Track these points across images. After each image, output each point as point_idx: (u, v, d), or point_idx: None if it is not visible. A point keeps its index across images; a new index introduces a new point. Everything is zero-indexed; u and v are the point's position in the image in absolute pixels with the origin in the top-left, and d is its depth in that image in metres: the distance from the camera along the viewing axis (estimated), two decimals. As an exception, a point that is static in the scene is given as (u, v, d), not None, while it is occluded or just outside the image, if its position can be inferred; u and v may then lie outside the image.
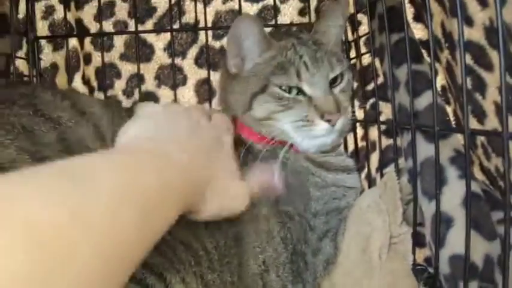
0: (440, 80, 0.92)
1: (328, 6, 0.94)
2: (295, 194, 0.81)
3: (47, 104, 0.70)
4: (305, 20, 1.16)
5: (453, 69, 0.84)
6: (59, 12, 1.15)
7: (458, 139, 0.78)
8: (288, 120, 0.81)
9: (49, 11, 1.15)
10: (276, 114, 0.81)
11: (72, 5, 1.17)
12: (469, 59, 0.78)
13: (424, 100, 0.80)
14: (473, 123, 0.81)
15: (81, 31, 1.18)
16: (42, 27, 1.15)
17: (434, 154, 0.70)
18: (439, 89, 0.93)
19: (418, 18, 0.96)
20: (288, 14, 1.17)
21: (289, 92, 0.81)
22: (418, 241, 0.80)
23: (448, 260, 0.73)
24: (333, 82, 0.83)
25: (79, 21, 1.17)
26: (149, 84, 1.19)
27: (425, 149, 0.78)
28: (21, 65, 1.12)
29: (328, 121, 0.79)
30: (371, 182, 1.02)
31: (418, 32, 0.96)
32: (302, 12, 1.17)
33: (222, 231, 0.74)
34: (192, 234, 0.70)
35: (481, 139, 0.83)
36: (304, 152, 0.85)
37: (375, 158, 1.05)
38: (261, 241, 0.76)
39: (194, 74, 1.19)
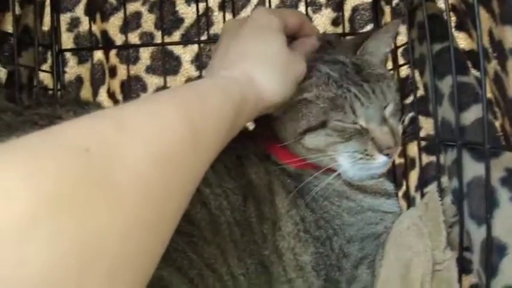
0: (487, 93, 0.86)
1: (382, 27, 0.89)
2: (326, 219, 0.78)
3: None
4: (339, 30, 1.12)
5: (502, 81, 0.77)
6: (84, 24, 1.12)
7: (510, 158, 0.72)
8: (344, 152, 0.78)
9: (74, 23, 1.12)
10: (333, 146, 0.78)
11: (98, 16, 1.14)
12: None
13: (471, 115, 0.74)
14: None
15: (107, 43, 1.15)
16: (67, 40, 1.13)
17: (483, 174, 0.64)
18: (485, 102, 0.87)
19: (460, 26, 0.90)
20: (321, 24, 1.13)
21: None
22: (463, 267, 0.73)
23: (501, 291, 0.67)
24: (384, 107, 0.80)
25: (104, 33, 1.15)
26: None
27: (472, 168, 0.72)
28: (46, 78, 1.10)
29: (387, 155, 0.77)
30: (410, 202, 0.96)
31: (461, 41, 0.91)
32: (335, 23, 1.12)
33: (253, 257, 0.70)
34: (221, 256, 0.66)
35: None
36: (347, 178, 0.81)
37: (414, 176, 0.99)
38: (288, 272, 0.73)
39: (222, 87, 1.15)
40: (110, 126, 0.39)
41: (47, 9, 1.11)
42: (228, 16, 1.13)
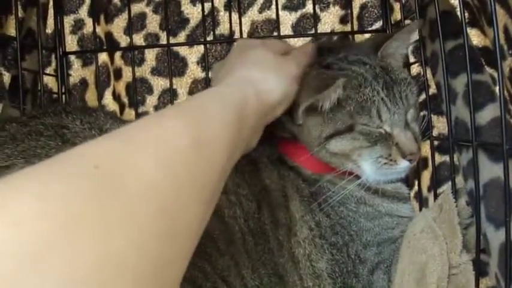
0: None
1: (403, 27, 0.88)
2: (343, 224, 0.77)
3: (75, 134, 0.65)
4: (347, 28, 1.09)
5: (518, 78, 0.75)
6: (88, 26, 1.11)
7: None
8: (369, 157, 0.77)
9: (78, 25, 1.11)
10: (358, 151, 0.77)
11: (102, 18, 1.12)
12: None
13: (486, 114, 0.72)
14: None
15: (111, 45, 1.14)
16: (71, 42, 1.11)
17: (500, 175, 0.62)
18: (500, 100, 0.85)
19: (473, 23, 0.88)
20: (329, 22, 1.10)
21: None
22: (480, 270, 0.72)
23: (521, 296, 0.65)
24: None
25: (109, 35, 1.13)
26: (182, 99, 1.13)
27: (489, 169, 0.70)
28: (50, 81, 1.09)
29: (410, 160, 0.77)
30: (422, 202, 0.94)
31: (474, 38, 0.88)
32: (344, 20, 1.10)
33: (267, 267, 0.68)
34: (235, 268, 0.65)
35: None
36: (367, 183, 0.80)
37: (426, 176, 0.97)
38: (304, 280, 0.72)
39: (229, 88, 1.13)
40: (117, 141, 0.40)
41: (51, 12, 1.09)
42: (234, 16, 1.11)
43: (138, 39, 1.13)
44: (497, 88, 0.70)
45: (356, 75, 0.77)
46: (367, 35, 1.09)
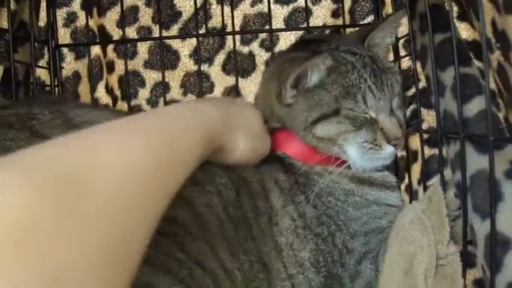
0: (490, 84, 0.84)
1: (388, 17, 0.92)
2: (329, 214, 0.78)
3: (43, 124, 0.65)
4: (339, 22, 1.10)
5: (506, 71, 0.76)
6: (81, 19, 1.11)
7: (514, 150, 0.71)
8: (354, 141, 0.80)
9: (71, 18, 1.11)
10: (344, 135, 0.80)
11: (95, 11, 1.12)
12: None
13: (473, 106, 0.73)
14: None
15: (104, 38, 1.14)
16: (63, 35, 1.11)
17: (487, 167, 0.63)
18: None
19: (462, 17, 0.89)
20: (321, 16, 1.10)
21: None
22: (467, 261, 0.72)
23: (506, 287, 0.65)
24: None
25: (101, 28, 1.13)
26: (175, 93, 1.14)
27: (476, 161, 0.70)
28: (43, 74, 1.09)
29: (394, 145, 0.79)
30: (412, 195, 0.95)
31: (463, 31, 0.89)
32: (335, 14, 1.10)
33: (249, 254, 0.69)
34: (211, 252, 0.65)
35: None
36: (352, 170, 0.82)
37: (416, 169, 0.98)
38: (288, 268, 0.73)
39: (221, 81, 1.13)
40: (75, 154, 0.39)
41: (43, 4, 1.09)
42: (226, 9, 1.11)
43: (131, 32, 1.13)
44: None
45: (346, 62, 0.81)
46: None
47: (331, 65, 0.79)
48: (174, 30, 1.13)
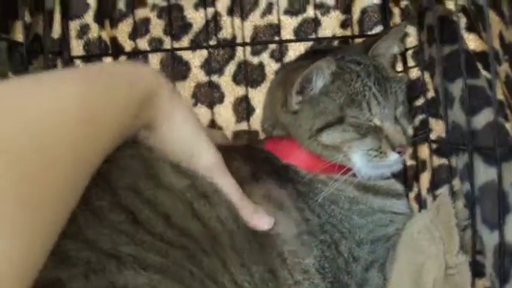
0: (498, 96, 0.85)
1: (391, 28, 0.95)
2: (332, 223, 0.78)
3: None
4: (347, 32, 1.10)
5: (514, 83, 0.77)
6: (94, 31, 1.12)
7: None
8: (359, 149, 0.80)
9: (84, 29, 1.12)
10: (350, 143, 0.80)
11: (107, 23, 1.14)
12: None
13: (482, 118, 0.74)
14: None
15: (116, 50, 1.15)
16: (76, 47, 1.12)
17: (495, 178, 0.64)
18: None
19: (470, 28, 0.89)
20: (330, 27, 1.11)
21: None
22: (476, 270, 0.73)
23: (515, 298, 0.66)
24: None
25: (114, 40, 1.15)
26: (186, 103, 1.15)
27: (484, 172, 0.71)
28: (56, 86, 1.10)
29: (399, 153, 0.80)
30: (422, 204, 0.96)
31: (471, 42, 0.89)
32: (344, 25, 1.11)
33: (259, 263, 0.70)
34: (222, 267, 0.65)
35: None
36: (357, 178, 0.82)
37: (425, 178, 0.98)
38: (294, 275, 0.73)
39: (232, 91, 1.14)
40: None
41: (57, 17, 1.10)
42: (236, 20, 1.13)
43: (143, 43, 1.14)
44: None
45: (350, 71, 0.82)
46: (367, 39, 1.10)
47: (336, 70, 0.81)
48: (185, 41, 1.14)
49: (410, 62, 1.00)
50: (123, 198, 0.58)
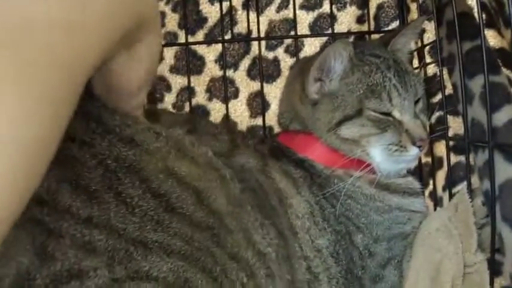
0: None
1: (409, 23, 0.94)
2: (348, 216, 0.79)
3: None
4: (364, 28, 1.10)
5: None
6: (109, 25, 1.12)
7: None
8: (379, 144, 0.80)
9: (99, 23, 1.12)
10: (368, 137, 0.80)
11: (122, 17, 1.14)
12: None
13: (503, 115, 0.73)
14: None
15: (131, 43, 1.15)
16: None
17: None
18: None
19: (490, 24, 0.89)
20: (346, 22, 1.11)
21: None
22: (494, 269, 0.72)
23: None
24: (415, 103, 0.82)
25: (129, 34, 1.14)
26: (200, 98, 1.15)
27: (505, 170, 0.70)
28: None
29: (419, 147, 0.79)
30: (437, 202, 0.95)
31: (491, 39, 0.89)
32: (360, 20, 1.11)
33: (277, 227, 0.71)
34: (244, 240, 0.63)
35: None
36: (375, 176, 0.81)
37: (441, 176, 0.98)
38: (304, 250, 0.74)
39: (246, 86, 1.14)
40: None
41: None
42: (252, 15, 1.12)
43: (157, 37, 1.14)
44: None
45: (370, 63, 0.82)
46: (383, 35, 1.09)
47: (353, 55, 0.80)
48: (200, 35, 1.14)
49: (428, 59, 0.99)
50: (155, 182, 0.58)
